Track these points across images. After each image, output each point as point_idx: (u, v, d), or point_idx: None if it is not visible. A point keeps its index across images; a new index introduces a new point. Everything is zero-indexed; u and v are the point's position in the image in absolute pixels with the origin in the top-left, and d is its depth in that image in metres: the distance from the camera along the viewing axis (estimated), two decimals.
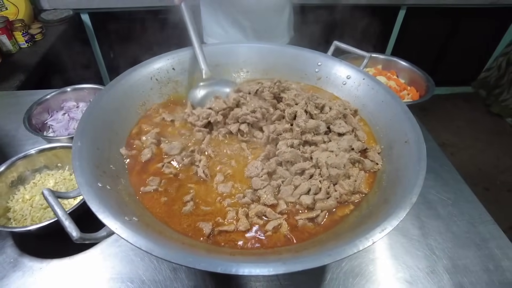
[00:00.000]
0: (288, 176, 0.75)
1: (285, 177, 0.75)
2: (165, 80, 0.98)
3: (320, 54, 1.02)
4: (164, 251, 0.50)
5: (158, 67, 0.97)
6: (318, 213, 0.69)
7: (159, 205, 0.71)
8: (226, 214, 0.69)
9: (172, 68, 0.99)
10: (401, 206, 0.58)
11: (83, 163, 0.65)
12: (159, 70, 0.96)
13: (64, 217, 0.52)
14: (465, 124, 3.29)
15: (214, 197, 0.73)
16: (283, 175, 0.75)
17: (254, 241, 0.65)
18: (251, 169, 0.77)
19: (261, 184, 0.73)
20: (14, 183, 0.95)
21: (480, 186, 2.66)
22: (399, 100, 0.84)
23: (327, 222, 0.69)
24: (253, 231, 0.67)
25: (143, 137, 0.84)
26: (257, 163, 0.78)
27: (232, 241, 0.65)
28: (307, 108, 0.86)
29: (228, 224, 0.67)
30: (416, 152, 0.70)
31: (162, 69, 0.97)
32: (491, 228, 0.97)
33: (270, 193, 0.72)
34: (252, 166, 0.77)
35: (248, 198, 0.72)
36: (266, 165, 0.77)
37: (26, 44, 2.06)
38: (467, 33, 3.10)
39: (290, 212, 0.71)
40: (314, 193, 0.72)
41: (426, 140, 1.25)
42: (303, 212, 0.71)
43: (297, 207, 0.71)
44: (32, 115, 1.15)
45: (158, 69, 0.96)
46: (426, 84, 1.35)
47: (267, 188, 0.73)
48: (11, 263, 0.85)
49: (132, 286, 0.81)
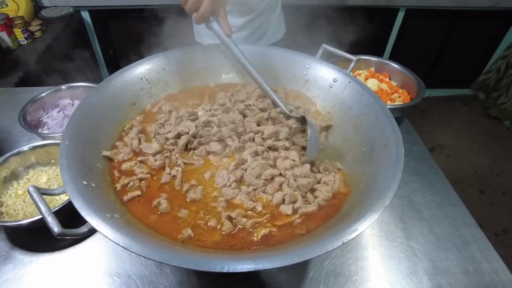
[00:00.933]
0: (258, 183, 0.77)
1: (255, 185, 0.77)
2: (155, 80, 1.00)
3: (308, 57, 1.04)
4: (141, 248, 0.52)
5: (149, 67, 0.99)
6: (297, 217, 0.71)
7: (139, 207, 0.73)
8: (204, 219, 0.72)
9: (162, 69, 1.01)
10: (374, 209, 0.60)
11: (70, 161, 0.68)
12: (149, 70, 0.99)
13: (46, 213, 0.55)
14: (463, 126, 3.29)
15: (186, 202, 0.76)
16: (252, 183, 0.77)
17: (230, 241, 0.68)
18: (218, 179, 0.79)
19: (233, 193, 0.75)
20: (7, 178, 0.98)
21: (475, 188, 2.67)
22: (382, 104, 0.86)
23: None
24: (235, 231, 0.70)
25: (125, 136, 0.87)
26: (223, 173, 0.79)
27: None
28: (271, 115, 0.91)
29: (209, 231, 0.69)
30: (394, 155, 0.72)
31: (152, 70, 0.99)
32: (474, 231, 0.99)
33: (246, 198, 0.74)
34: (219, 176, 0.79)
35: (223, 205, 0.74)
36: (232, 174, 0.78)
37: (26, 41, 2.08)
38: (467, 35, 3.10)
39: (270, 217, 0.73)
40: (291, 201, 0.74)
41: (416, 143, 1.29)
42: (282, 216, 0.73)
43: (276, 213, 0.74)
44: (27, 112, 1.18)
45: (148, 69, 0.99)
46: (417, 87, 1.36)
47: (240, 195, 0.75)
48: (3, 256, 0.87)
49: (119, 280, 0.83)
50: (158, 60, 1.00)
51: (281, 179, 0.78)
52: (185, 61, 1.03)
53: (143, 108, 0.97)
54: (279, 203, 0.74)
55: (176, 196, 0.76)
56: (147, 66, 0.98)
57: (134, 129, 0.89)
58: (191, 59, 1.06)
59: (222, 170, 0.80)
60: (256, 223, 0.70)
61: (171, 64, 1.02)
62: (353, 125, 0.92)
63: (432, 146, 3.03)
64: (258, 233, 0.68)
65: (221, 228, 0.69)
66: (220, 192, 0.76)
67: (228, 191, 0.75)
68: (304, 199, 0.76)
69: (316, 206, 0.74)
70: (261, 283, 0.85)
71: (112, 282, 0.83)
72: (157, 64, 1.00)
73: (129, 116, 0.93)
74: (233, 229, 0.69)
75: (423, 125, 3.20)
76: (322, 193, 0.75)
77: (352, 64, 1.01)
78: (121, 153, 0.82)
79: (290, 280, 0.86)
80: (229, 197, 0.75)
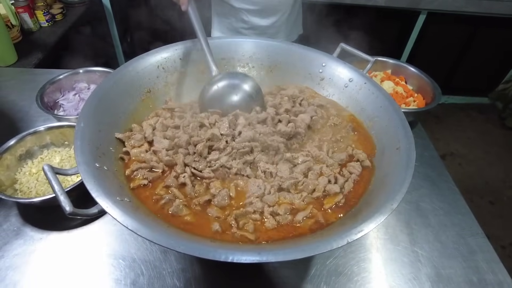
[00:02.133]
0: (299, 177, 0.78)
1: (294, 180, 0.78)
2: (171, 69, 1.01)
3: (325, 55, 1.04)
4: (148, 232, 0.53)
5: (166, 56, 0.99)
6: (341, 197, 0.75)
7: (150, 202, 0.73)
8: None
9: (179, 58, 1.02)
10: (381, 211, 0.60)
11: (84, 143, 0.69)
12: (166, 59, 0.99)
13: (59, 192, 0.56)
14: (477, 135, 3.23)
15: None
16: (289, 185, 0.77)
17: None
18: (253, 188, 0.75)
19: (275, 196, 0.74)
20: (23, 156, 1.00)
21: (485, 199, 2.63)
22: (397, 107, 0.85)
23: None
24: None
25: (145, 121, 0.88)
26: (258, 182, 0.76)
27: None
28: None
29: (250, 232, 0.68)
30: (405, 159, 0.71)
31: (169, 59, 1.00)
32: (480, 241, 0.98)
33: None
34: (254, 185, 0.76)
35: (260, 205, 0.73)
36: (268, 183, 0.77)
37: (47, 23, 2.12)
38: (487, 43, 3.03)
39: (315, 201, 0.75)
40: (334, 182, 0.78)
41: (427, 148, 1.27)
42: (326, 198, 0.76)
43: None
44: (45, 94, 1.20)
45: (165, 58, 0.99)
46: (433, 92, 1.34)
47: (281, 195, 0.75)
48: (14, 231, 0.90)
49: (123, 263, 0.85)
50: (176, 50, 1.01)
51: (317, 168, 0.81)
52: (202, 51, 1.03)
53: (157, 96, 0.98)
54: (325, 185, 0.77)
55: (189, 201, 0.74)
56: (164, 55, 0.99)
57: (157, 118, 0.90)
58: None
59: (255, 180, 0.77)
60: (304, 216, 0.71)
61: (188, 54, 1.03)
62: (366, 126, 0.91)
63: (443, 153, 2.98)
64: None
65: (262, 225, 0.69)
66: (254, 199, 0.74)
67: (270, 198, 0.73)
68: (341, 175, 0.80)
69: (353, 182, 0.78)
70: (263, 276, 0.86)
71: (117, 265, 0.85)
72: (174, 53, 1.01)
73: (144, 104, 0.94)
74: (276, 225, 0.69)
75: (436, 132, 3.16)
76: (355, 168, 0.80)
77: (369, 65, 1.00)
78: (132, 139, 0.83)
79: (291, 276, 0.86)
80: (272, 203, 0.73)
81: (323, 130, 0.93)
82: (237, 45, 1.08)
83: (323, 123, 0.94)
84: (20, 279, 0.81)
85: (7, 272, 0.82)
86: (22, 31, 1.96)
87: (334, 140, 0.90)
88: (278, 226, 0.69)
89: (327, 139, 0.90)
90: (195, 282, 0.83)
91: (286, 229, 0.69)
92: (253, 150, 0.81)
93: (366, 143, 0.88)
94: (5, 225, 0.91)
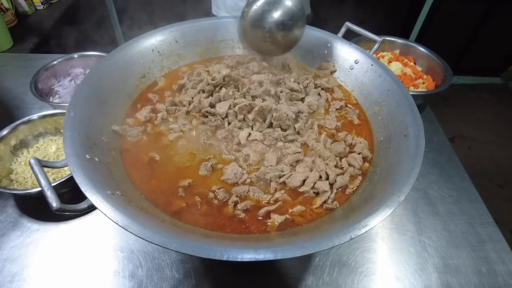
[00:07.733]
0: (285, 169, 0.75)
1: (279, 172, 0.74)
2: (167, 52, 0.96)
3: (330, 35, 0.98)
4: (139, 229, 0.51)
5: (161, 39, 0.95)
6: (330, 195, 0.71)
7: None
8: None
9: (175, 41, 0.97)
10: (387, 204, 0.56)
11: (74, 134, 0.66)
12: (161, 42, 0.95)
13: (46, 187, 0.53)
14: (488, 117, 3.13)
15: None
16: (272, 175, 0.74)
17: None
18: (229, 175, 0.74)
19: (246, 190, 0.72)
20: (17, 146, 0.98)
21: (494, 183, 2.57)
22: (405, 91, 0.80)
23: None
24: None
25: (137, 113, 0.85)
26: (235, 168, 0.74)
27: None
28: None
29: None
30: (414, 147, 0.67)
31: (164, 41, 0.95)
32: (491, 230, 0.94)
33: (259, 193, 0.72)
34: (229, 173, 0.74)
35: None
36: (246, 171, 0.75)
37: (42, 6, 2.05)
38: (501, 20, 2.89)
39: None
40: (326, 178, 0.74)
41: (436, 133, 1.22)
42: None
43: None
44: (39, 80, 1.17)
45: (160, 41, 0.94)
46: (444, 74, 1.27)
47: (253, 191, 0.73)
48: (11, 222, 0.89)
49: (122, 255, 0.84)
50: (171, 32, 0.96)
51: (308, 160, 0.76)
52: (199, 33, 0.98)
53: (152, 81, 0.94)
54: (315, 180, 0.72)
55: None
56: (159, 37, 0.94)
57: (147, 107, 0.87)
58: (206, 32, 1.01)
59: (233, 164, 0.75)
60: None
61: (184, 36, 0.97)
62: (372, 112, 0.86)
63: (452, 136, 2.91)
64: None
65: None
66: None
67: (240, 189, 0.71)
68: (337, 168, 0.76)
69: (349, 176, 0.74)
70: (264, 267, 0.84)
71: (115, 256, 0.83)
72: (170, 36, 0.96)
73: (138, 89, 0.90)
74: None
75: (445, 114, 3.07)
76: (356, 160, 0.75)
77: (376, 46, 0.94)
78: (128, 136, 0.80)
79: (294, 266, 0.84)
80: (243, 194, 0.71)
81: (325, 115, 0.88)
82: (235, 25, 1.02)
83: (327, 107, 0.89)
84: (18, 271, 0.80)
85: (4, 264, 0.81)
86: (17, 15, 1.90)
87: (335, 127, 0.86)
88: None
89: (327, 128, 0.86)
90: (194, 274, 0.81)
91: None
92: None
93: (368, 132, 0.84)
94: (2, 217, 0.89)
